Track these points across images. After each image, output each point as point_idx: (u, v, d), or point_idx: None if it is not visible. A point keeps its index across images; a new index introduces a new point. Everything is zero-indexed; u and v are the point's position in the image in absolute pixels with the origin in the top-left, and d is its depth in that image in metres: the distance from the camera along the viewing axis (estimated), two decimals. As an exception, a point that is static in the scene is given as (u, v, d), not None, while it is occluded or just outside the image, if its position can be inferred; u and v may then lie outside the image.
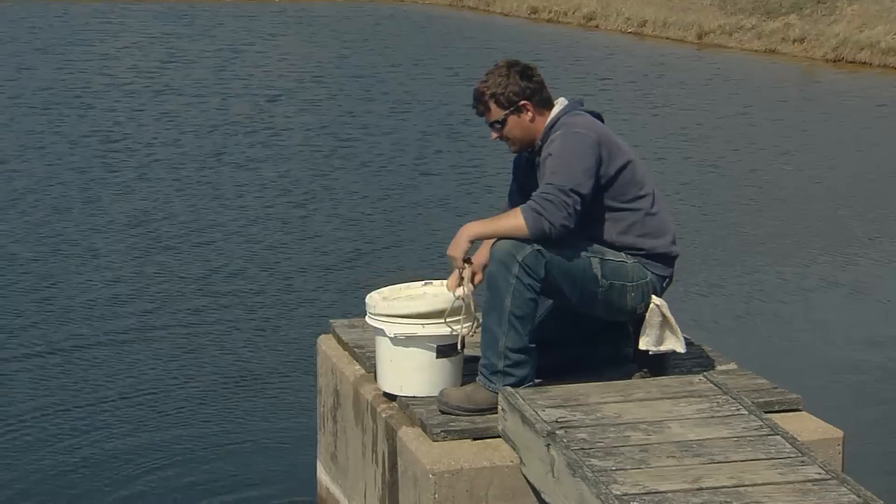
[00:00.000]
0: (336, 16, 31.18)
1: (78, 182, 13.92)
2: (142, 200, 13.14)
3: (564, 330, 5.43)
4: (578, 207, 5.05)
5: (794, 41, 26.07)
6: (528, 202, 5.06)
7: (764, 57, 25.78)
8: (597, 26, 30.38)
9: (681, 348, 5.32)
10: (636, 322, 5.37)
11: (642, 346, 5.28)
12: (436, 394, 5.16)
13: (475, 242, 5.21)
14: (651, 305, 5.27)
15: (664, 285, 5.37)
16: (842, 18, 26.35)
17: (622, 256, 5.25)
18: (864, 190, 14.50)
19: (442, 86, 21.07)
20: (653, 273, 5.30)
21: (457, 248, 5.14)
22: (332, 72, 22.58)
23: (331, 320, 6.24)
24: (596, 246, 5.21)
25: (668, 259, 5.36)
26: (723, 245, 11.98)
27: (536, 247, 5.01)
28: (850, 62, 24.55)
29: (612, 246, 5.25)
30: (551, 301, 5.37)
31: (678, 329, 5.32)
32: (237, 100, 19.49)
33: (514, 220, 5.05)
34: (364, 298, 5.49)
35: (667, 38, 28.36)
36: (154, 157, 15.28)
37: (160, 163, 14.95)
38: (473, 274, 5.20)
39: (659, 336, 5.29)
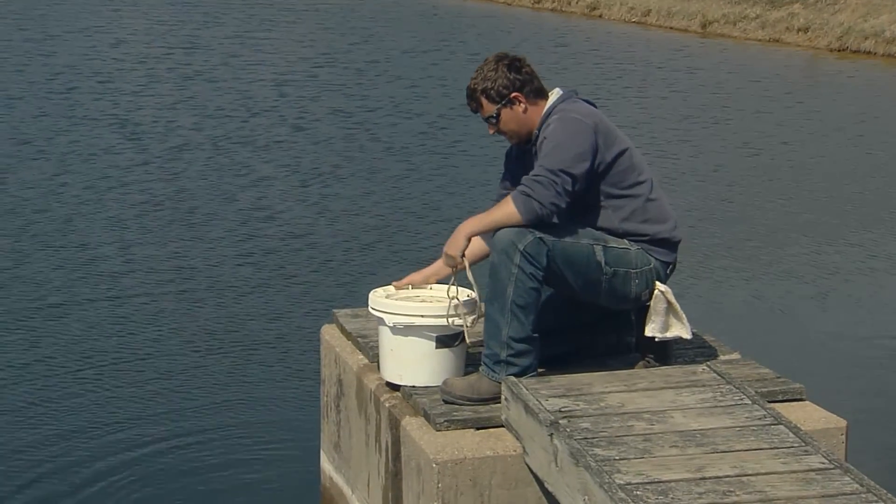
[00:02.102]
0: (341, 4, 31.16)
1: (95, 164, 14.02)
2: (156, 182, 13.21)
3: (565, 319, 5.43)
4: (568, 187, 5.07)
5: (799, 30, 26.03)
6: (518, 187, 5.10)
7: (768, 46, 25.75)
8: (600, 15, 30.33)
9: (686, 334, 5.32)
10: (639, 310, 5.37)
11: (648, 332, 5.29)
12: (435, 383, 5.17)
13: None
14: (656, 292, 5.28)
15: (668, 271, 5.38)
16: (846, 7, 26.30)
17: (625, 243, 5.25)
18: (873, 178, 14.49)
19: (456, 70, 21.02)
20: (656, 259, 5.31)
21: (455, 246, 5.16)
22: (345, 57, 22.56)
23: (334, 310, 6.25)
24: (598, 233, 5.22)
25: (671, 244, 5.37)
26: (726, 233, 11.98)
27: (538, 234, 5.02)
28: (855, 52, 24.51)
29: (614, 233, 5.26)
30: (551, 290, 5.37)
31: (684, 315, 5.31)
32: (252, 84, 19.48)
33: (506, 208, 5.08)
34: (369, 287, 5.50)
35: (670, 28, 28.33)
36: (168, 140, 15.31)
37: (174, 146, 14.98)
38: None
39: (664, 323, 5.29)
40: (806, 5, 27.04)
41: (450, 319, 5.16)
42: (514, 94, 5.29)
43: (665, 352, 5.41)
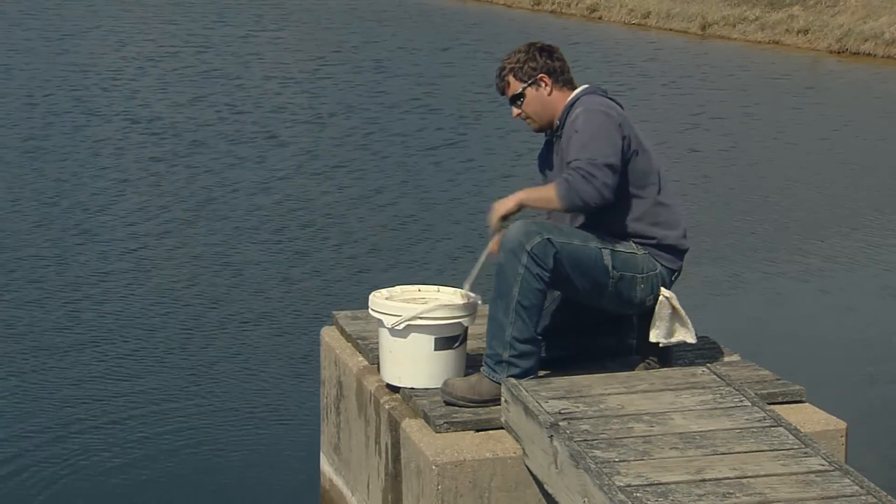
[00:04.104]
0: (341, 6, 31.16)
1: (96, 161, 14.07)
2: (157, 182, 13.23)
3: (566, 321, 5.43)
4: (609, 181, 5.05)
5: (798, 32, 26.01)
6: (563, 173, 5.10)
7: (768, 48, 25.75)
8: (600, 17, 30.33)
9: (691, 339, 5.31)
10: (641, 314, 5.36)
11: (653, 338, 5.27)
12: (434, 385, 5.17)
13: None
14: (660, 298, 5.27)
15: (673, 278, 5.36)
16: (846, 9, 26.29)
17: (632, 247, 5.24)
18: (873, 179, 14.49)
19: (468, 69, 21.01)
20: (662, 265, 5.29)
21: (503, 206, 5.17)
22: (353, 56, 22.55)
23: (334, 312, 6.25)
24: (606, 237, 5.21)
25: (678, 252, 5.35)
26: (727, 235, 11.97)
27: (546, 236, 5.02)
28: (854, 53, 24.49)
29: (623, 231, 5.25)
30: (557, 293, 5.36)
31: (688, 320, 5.31)
32: (261, 83, 19.50)
33: (549, 193, 5.11)
34: (369, 289, 5.50)
35: (670, 30, 28.31)
36: (176, 139, 15.33)
37: (180, 145, 15.00)
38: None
39: (669, 328, 5.29)
40: (805, 7, 27.03)
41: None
42: (541, 76, 5.34)
43: (667, 354, 5.40)
